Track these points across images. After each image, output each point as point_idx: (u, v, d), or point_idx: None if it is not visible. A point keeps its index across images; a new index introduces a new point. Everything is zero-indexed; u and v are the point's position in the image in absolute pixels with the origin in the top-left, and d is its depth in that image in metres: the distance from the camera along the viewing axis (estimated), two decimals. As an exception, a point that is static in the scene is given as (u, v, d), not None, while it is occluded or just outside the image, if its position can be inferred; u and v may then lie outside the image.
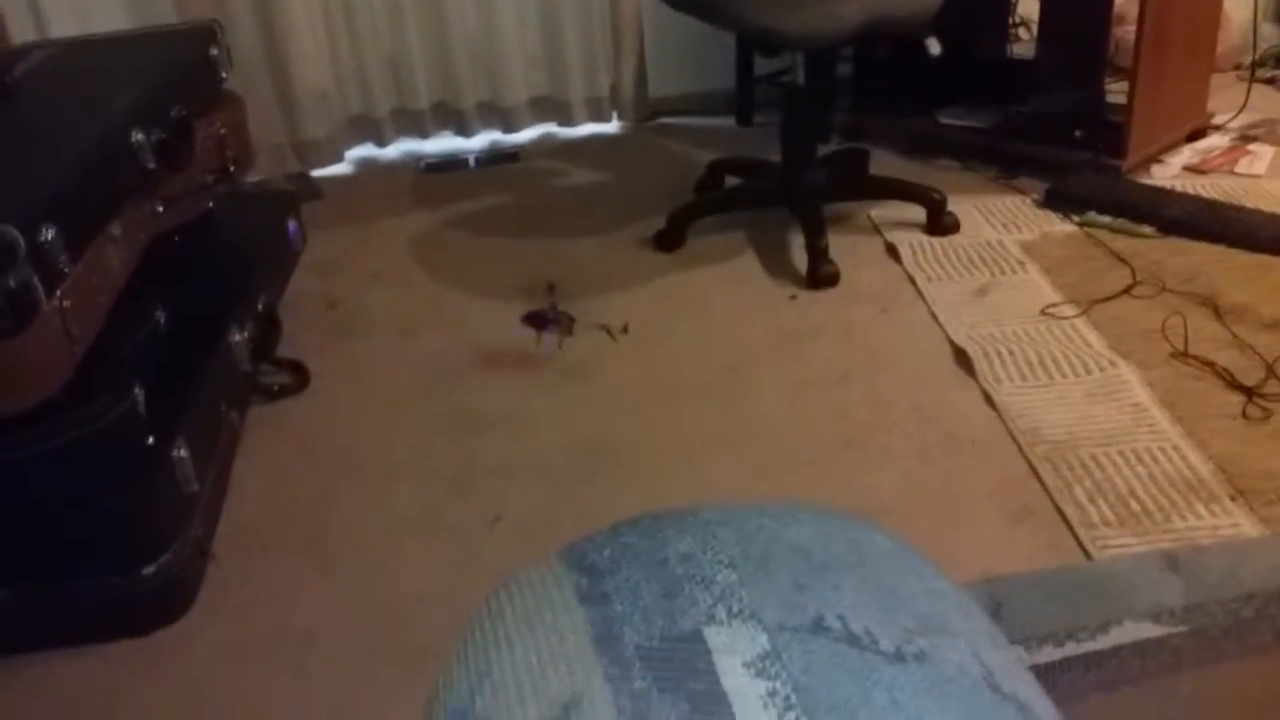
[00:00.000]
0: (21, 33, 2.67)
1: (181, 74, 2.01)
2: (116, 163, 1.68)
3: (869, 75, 2.96)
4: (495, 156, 3.06)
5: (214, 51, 2.11)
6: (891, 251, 2.34)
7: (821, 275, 2.23)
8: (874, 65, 2.93)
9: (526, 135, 3.16)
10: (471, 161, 3.05)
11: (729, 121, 3.16)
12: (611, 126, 3.18)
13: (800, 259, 2.32)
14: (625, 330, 2.10)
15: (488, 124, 3.14)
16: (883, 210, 2.51)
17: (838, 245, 2.30)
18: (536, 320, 2.05)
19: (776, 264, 2.34)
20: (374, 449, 1.85)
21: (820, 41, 2.11)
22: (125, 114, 1.73)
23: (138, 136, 1.73)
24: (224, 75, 2.14)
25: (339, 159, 3.05)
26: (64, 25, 2.76)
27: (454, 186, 2.90)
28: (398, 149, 3.14)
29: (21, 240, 1.32)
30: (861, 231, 2.45)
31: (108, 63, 2.05)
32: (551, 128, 3.18)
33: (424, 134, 3.13)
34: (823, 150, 2.58)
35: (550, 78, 3.11)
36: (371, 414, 1.95)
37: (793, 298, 2.21)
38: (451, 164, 3.05)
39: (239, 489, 1.77)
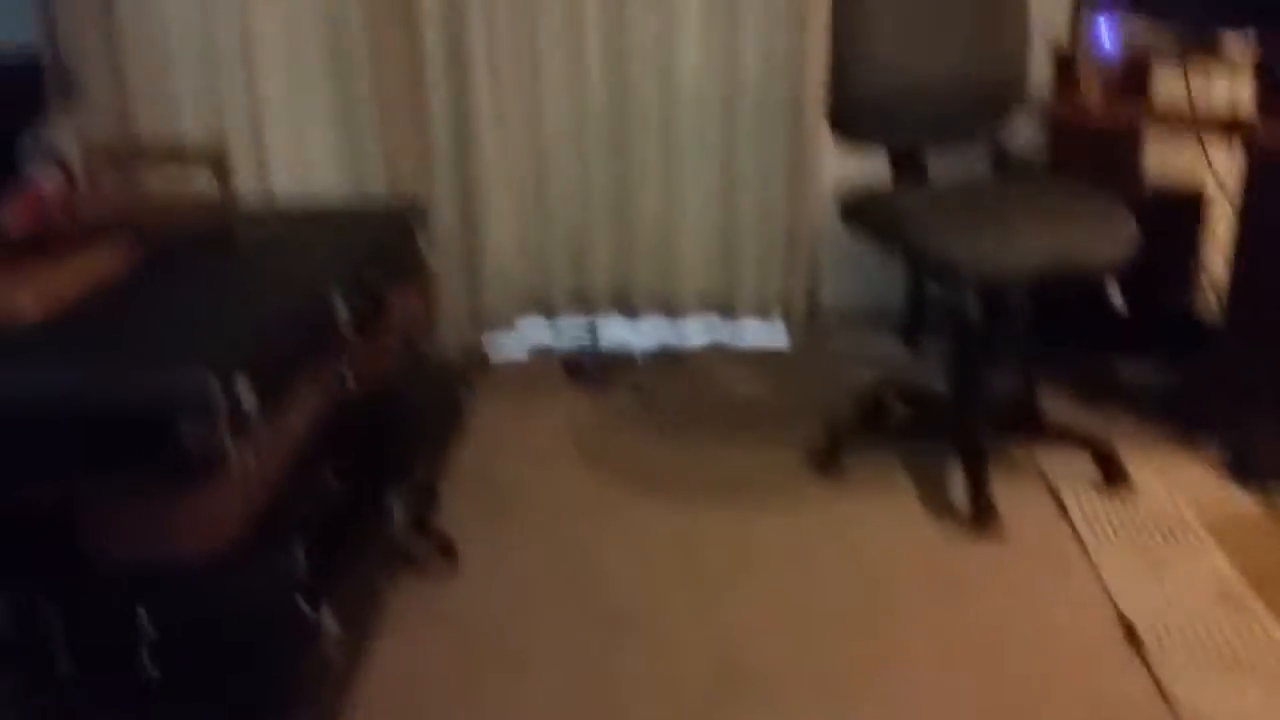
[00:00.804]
0: (245, 183, 2.90)
1: (385, 248, 2.12)
2: (315, 327, 1.77)
3: (1045, 312, 2.93)
4: (660, 351, 3.12)
5: (417, 230, 2.24)
6: (1058, 502, 2.25)
7: (983, 519, 2.16)
8: (1051, 302, 2.90)
9: (693, 331, 3.22)
10: (637, 355, 3.11)
11: (897, 341, 3.15)
12: (778, 332, 3.22)
13: (960, 498, 2.25)
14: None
15: (657, 313, 3.21)
16: (1051, 455, 2.43)
17: (1001, 488, 2.23)
18: (574, 368, 2.01)
19: (935, 500, 2.28)
20: (513, 638, 1.84)
21: (999, 281, 2.10)
22: (329, 281, 1.83)
23: (338, 304, 1.83)
24: (423, 253, 2.27)
25: (512, 332, 3.16)
26: (284, 178, 2.99)
27: (618, 376, 2.96)
28: (569, 328, 3.23)
29: (220, 392, 1.38)
30: (1027, 476, 2.37)
31: (320, 229, 2.19)
32: (718, 326, 3.23)
33: (596, 315, 3.22)
34: (991, 385, 2.54)
35: (723, 276, 3.18)
36: (515, 600, 1.95)
37: (950, 540, 2.13)
38: (617, 355, 3.11)
39: (376, 661, 1.77)
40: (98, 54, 2.81)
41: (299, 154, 2.99)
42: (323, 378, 1.82)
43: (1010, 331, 2.90)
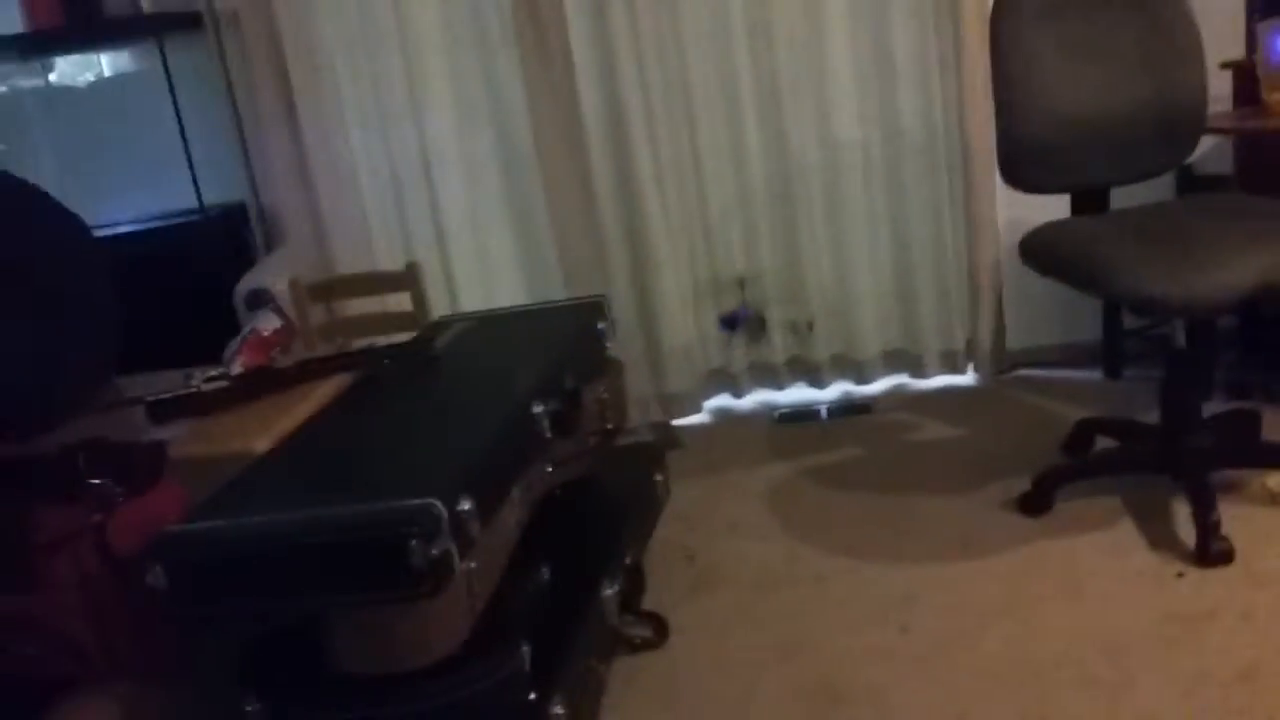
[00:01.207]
0: (436, 299, 3.09)
1: (574, 347, 2.22)
2: (520, 434, 1.87)
3: (1256, 329, 2.77)
4: (848, 408, 3.11)
5: (601, 325, 2.33)
6: (1295, 527, 2.12)
7: (1214, 551, 2.04)
8: (1261, 318, 2.75)
9: (879, 387, 3.19)
10: (824, 412, 3.11)
11: (1095, 375, 3.04)
12: (967, 379, 3.15)
13: (1186, 531, 2.14)
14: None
15: (841, 376, 3.21)
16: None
17: (1230, 517, 2.11)
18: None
19: (1158, 536, 2.18)
20: (727, 713, 1.85)
21: (1205, 309, 2.01)
22: (528, 388, 1.93)
23: (537, 408, 1.92)
24: (608, 345, 2.36)
25: (698, 410, 3.22)
26: (472, 295, 3.17)
27: (807, 438, 2.96)
28: (753, 399, 3.26)
29: (445, 513, 1.48)
30: (1257, 502, 2.24)
31: (514, 336, 2.31)
32: (905, 379, 3.20)
33: (779, 386, 3.25)
34: (1206, 410, 2.41)
35: (904, 330, 3.15)
36: (727, 674, 1.97)
37: (1180, 575, 2.03)
38: (804, 414, 3.12)
39: (604, 746, 1.82)
40: (297, 200, 3.06)
41: (483, 267, 3.18)
42: (530, 479, 1.92)
43: (1223, 356, 2.76)
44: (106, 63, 3.19)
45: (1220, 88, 2.67)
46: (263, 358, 2.07)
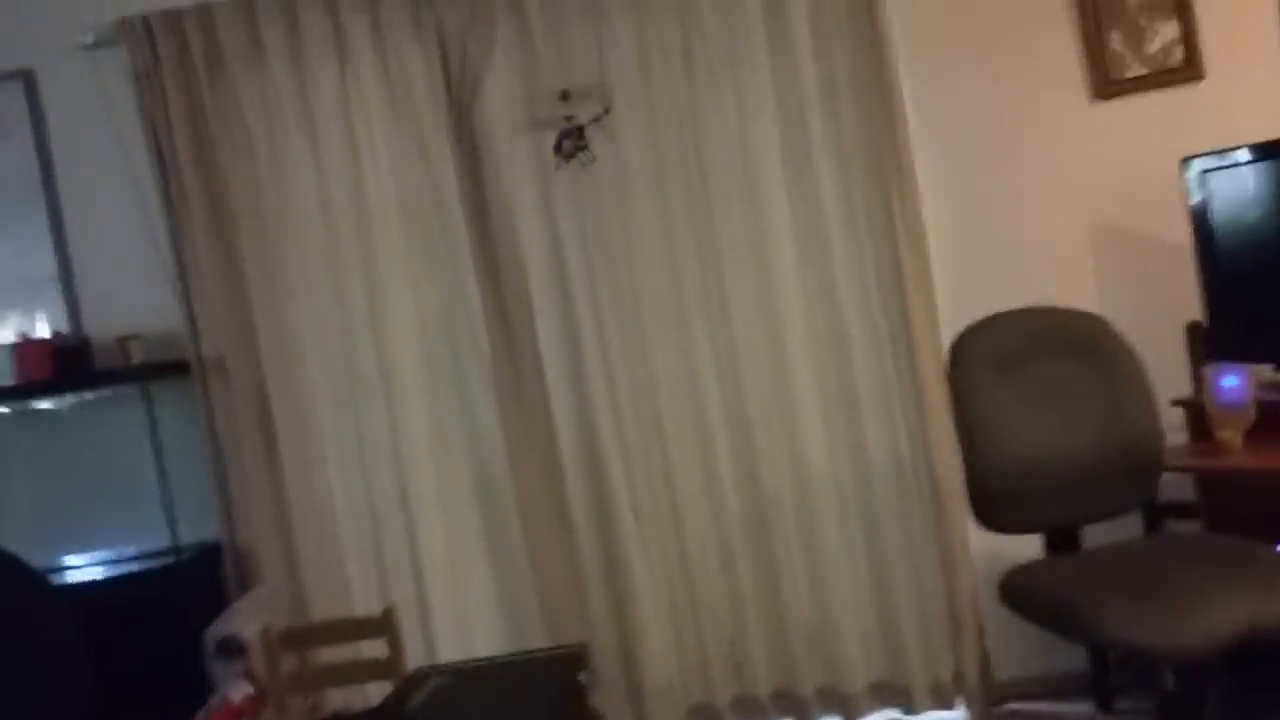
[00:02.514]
0: (412, 638, 3.00)
1: (551, 703, 2.15)
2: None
3: (1246, 663, 2.74)
4: (837, 746, 3.00)
5: (582, 677, 2.27)
6: None
7: None
8: (1251, 655, 2.72)
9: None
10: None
11: (1086, 708, 2.96)
12: (958, 714, 3.06)
13: None
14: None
15: (828, 709, 3.11)
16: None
17: None
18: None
19: None
20: None
21: (1192, 656, 1.99)
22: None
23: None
24: (588, 697, 2.29)
25: (681, 749, 3.09)
26: (449, 636, 3.10)
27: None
28: (738, 737, 3.14)
29: None
30: None
31: (491, 692, 2.24)
32: (895, 715, 3.10)
33: (764, 721, 3.14)
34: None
35: (890, 662, 3.09)
36: None
37: None
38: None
39: None
40: (272, 541, 3.05)
41: (460, 605, 3.13)
42: None
43: (1215, 694, 2.71)
44: (91, 396, 3.25)
45: (1173, 418, 2.79)
46: (232, 716, 1.98)
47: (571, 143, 3.03)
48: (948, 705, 3.07)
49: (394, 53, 3.05)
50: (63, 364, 2.99)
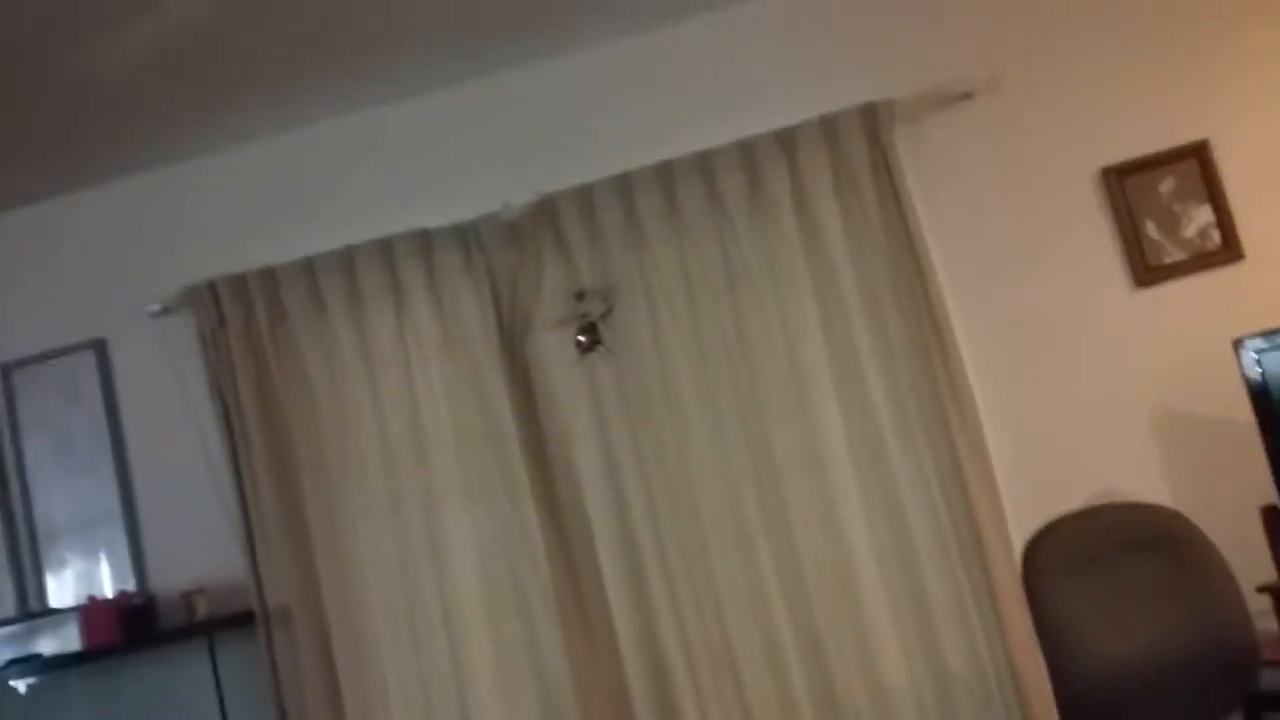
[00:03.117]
0: None
1: None
2: None
3: None
4: None
5: None
6: None
7: None
8: None
9: None
10: None
11: None
12: None
13: None
14: None
15: None
16: None
17: None
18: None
19: None
20: None
21: None
22: None
23: None
24: None
25: None
26: None
27: None
28: None
29: None
30: None
31: None
32: None
33: None
34: None
35: None
36: None
37: None
38: None
39: None
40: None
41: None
42: None
43: None
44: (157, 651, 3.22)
45: (1259, 604, 2.66)
46: None
47: (589, 338, 3.09)
48: None
49: (448, 295, 3.17)
50: (129, 624, 2.99)
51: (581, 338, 3.11)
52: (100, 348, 3.28)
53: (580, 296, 3.12)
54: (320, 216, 3.26)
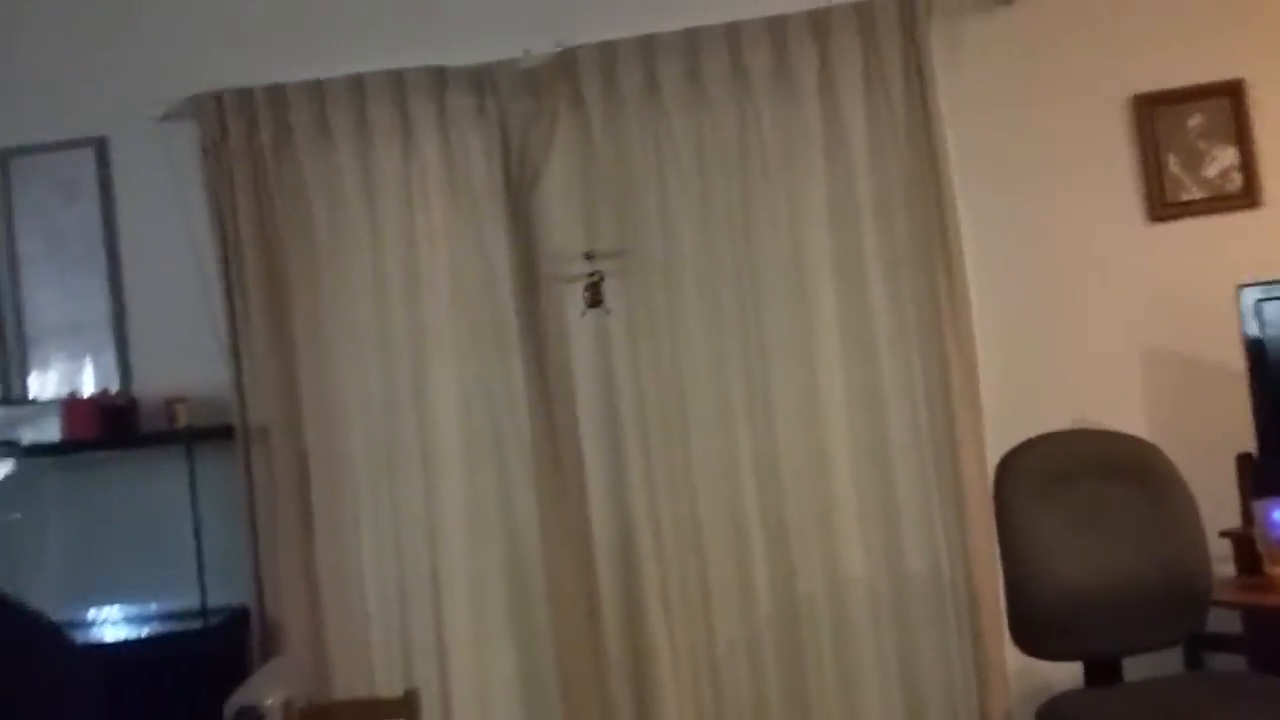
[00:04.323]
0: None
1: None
2: None
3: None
4: None
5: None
6: None
7: None
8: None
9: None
10: None
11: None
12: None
13: None
14: None
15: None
16: None
17: None
18: None
19: None
20: None
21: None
22: None
23: None
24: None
25: None
26: (468, 713, 3.05)
27: None
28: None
29: None
30: None
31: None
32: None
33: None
34: None
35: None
36: None
37: None
38: None
39: None
40: (299, 610, 3.04)
41: (481, 687, 3.09)
42: None
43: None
44: (135, 454, 3.27)
45: (1220, 549, 2.72)
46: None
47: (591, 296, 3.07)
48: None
49: (457, 137, 3.12)
50: (110, 422, 3.03)
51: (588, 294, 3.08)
52: (101, 146, 3.22)
53: (589, 257, 3.08)
54: (334, 40, 3.18)
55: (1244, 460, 2.83)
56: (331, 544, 3.09)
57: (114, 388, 3.18)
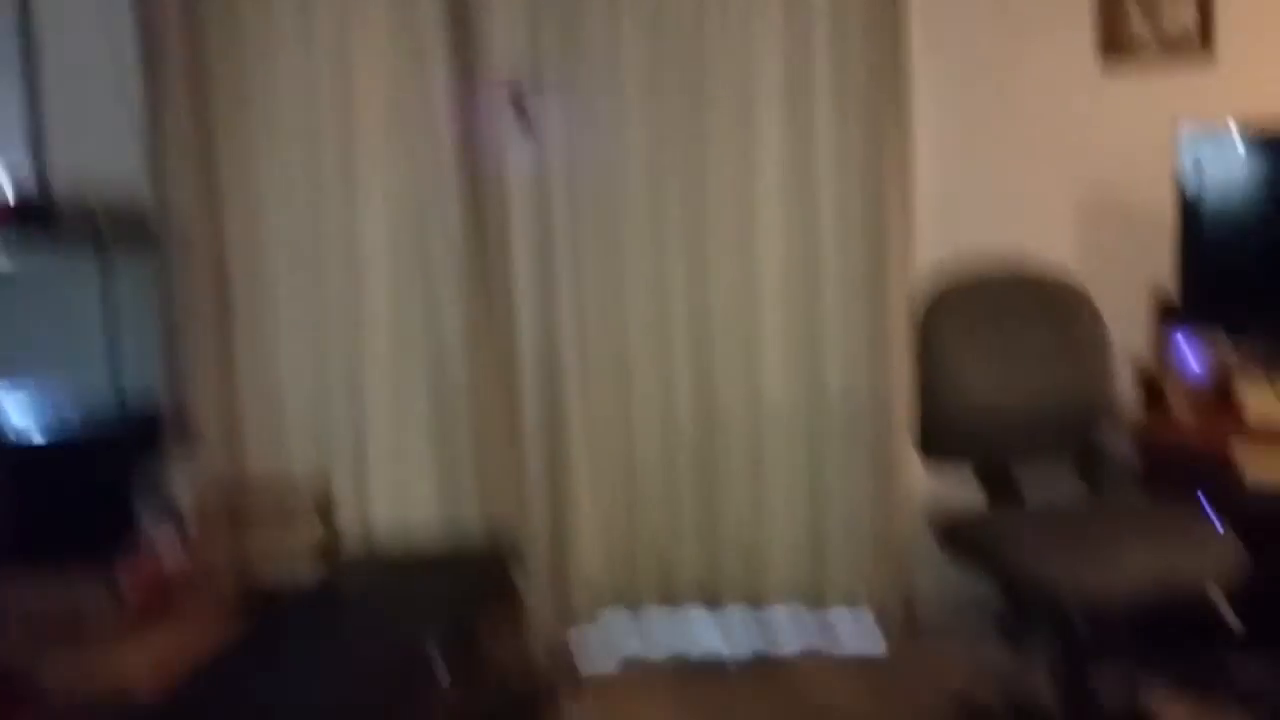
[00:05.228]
0: (346, 513, 2.97)
1: (481, 592, 2.17)
2: (414, 683, 1.79)
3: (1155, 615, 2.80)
4: (753, 659, 3.08)
5: (512, 570, 2.29)
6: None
7: None
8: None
9: (785, 632, 3.17)
10: (731, 666, 3.05)
11: (999, 639, 3.03)
12: (872, 630, 3.15)
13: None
14: None
15: (743, 605, 3.18)
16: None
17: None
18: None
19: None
20: None
21: (1102, 605, 2.05)
22: (427, 635, 1.87)
23: (435, 658, 1.85)
24: (518, 589, 2.30)
25: (596, 630, 3.15)
26: (383, 505, 3.09)
27: (713, 691, 2.89)
28: (662, 646, 3.18)
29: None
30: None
31: (419, 577, 2.25)
32: (813, 639, 3.16)
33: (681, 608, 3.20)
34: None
35: (811, 576, 3.15)
36: None
37: None
38: (711, 666, 3.06)
39: None
40: (215, 399, 3.01)
41: (398, 481, 3.12)
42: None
43: (1117, 643, 2.78)
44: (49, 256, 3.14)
45: (1132, 390, 2.82)
46: (156, 586, 1.97)
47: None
48: (867, 637, 3.13)
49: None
50: (23, 222, 2.89)
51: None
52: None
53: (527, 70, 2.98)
54: None
55: (1159, 296, 2.89)
56: (250, 340, 3.05)
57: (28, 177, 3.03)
